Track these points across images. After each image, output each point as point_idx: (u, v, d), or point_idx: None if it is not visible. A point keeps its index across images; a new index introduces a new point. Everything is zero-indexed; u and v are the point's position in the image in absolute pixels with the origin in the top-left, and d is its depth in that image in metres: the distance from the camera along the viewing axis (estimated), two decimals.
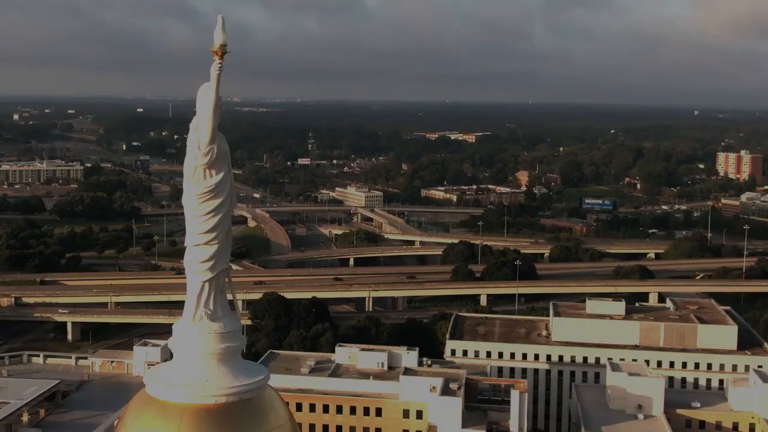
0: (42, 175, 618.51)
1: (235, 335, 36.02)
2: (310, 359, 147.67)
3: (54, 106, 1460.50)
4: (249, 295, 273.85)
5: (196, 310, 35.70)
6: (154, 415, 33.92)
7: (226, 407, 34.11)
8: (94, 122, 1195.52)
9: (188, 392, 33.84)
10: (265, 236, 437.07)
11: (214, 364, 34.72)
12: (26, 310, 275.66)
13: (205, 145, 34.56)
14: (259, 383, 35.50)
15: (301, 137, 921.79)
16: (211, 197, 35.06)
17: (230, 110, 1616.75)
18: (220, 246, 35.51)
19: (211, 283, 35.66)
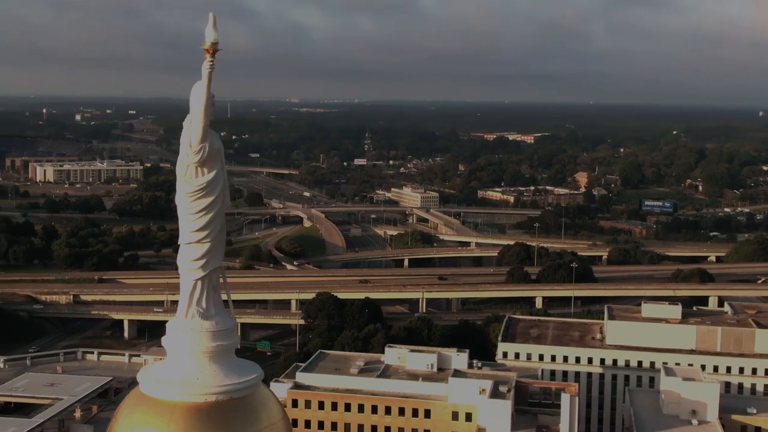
0: (102, 175, 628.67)
1: (228, 334, 35.51)
2: (360, 359, 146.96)
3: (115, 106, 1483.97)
4: (302, 294, 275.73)
5: (189, 308, 35.51)
6: (145, 412, 33.75)
7: (216, 405, 33.92)
8: (154, 123, 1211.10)
9: (179, 390, 33.67)
10: (320, 236, 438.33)
11: (205, 363, 34.44)
12: (84, 308, 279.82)
13: (196, 143, 34.10)
14: (250, 382, 35.04)
15: (358, 138, 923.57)
16: (202, 195, 34.70)
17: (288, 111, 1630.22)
18: (212, 244, 35.17)
19: (203, 282, 35.36)
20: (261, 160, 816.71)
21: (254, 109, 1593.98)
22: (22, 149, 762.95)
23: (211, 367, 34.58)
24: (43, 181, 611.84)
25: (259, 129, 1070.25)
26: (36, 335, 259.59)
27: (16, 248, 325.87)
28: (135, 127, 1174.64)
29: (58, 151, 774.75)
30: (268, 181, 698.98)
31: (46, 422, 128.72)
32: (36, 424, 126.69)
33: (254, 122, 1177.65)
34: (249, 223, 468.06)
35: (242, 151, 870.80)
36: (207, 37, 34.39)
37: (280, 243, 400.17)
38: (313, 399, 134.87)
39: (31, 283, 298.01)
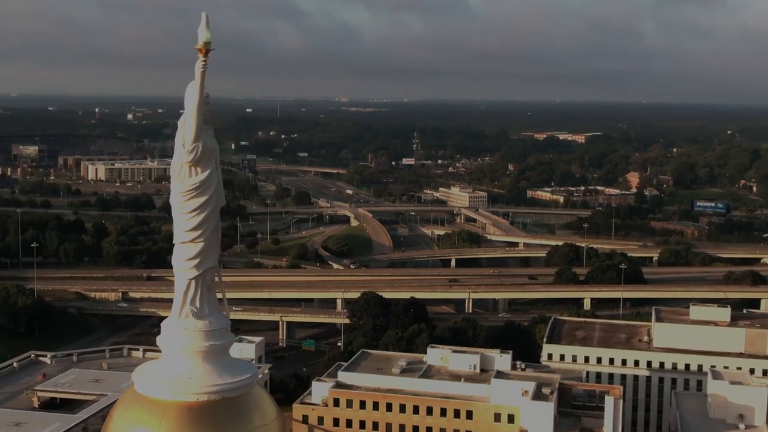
0: (153, 174, 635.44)
1: (222, 333, 35.19)
2: (402, 359, 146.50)
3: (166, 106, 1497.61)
4: (347, 294, 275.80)
5: (182, 307, 35.35)
6: (138, 411, 33.77)
7: (207, 405, 33.86)
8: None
9: (171, 389, 33.70)
10: (367, 236, 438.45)
11: (198, 362, 34.28)
12: (133, 305, 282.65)
13: (189, 143, 33.95)
14: (243, 382, 34.79)
15: (407, 137, 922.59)
16: (195, 195, 34.44)
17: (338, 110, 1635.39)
18: (206, 244, 34.94)
19: (197, 281, 35.09)
20: (309, 159, 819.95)
21: (304, 109, 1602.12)
22: (75, 148, 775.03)
23: (204, 366, 34.45)
24: (94, 180, 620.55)
25: (308, 128, 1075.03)
26: (85, 332, 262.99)
27: (66, 246, 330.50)
28: None
29: (110, 150, 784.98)
30: (316, 180, 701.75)
31: (90, 418, 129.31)
32: (80, 420, 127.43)
33: (303, 122, 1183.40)
34: (296, 222, 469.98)
35: (291, 150, 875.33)
36: (199, 37, 34.14)
37: (327, 242, 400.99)
38: (354, 398, 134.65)
39: (81, 280, 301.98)
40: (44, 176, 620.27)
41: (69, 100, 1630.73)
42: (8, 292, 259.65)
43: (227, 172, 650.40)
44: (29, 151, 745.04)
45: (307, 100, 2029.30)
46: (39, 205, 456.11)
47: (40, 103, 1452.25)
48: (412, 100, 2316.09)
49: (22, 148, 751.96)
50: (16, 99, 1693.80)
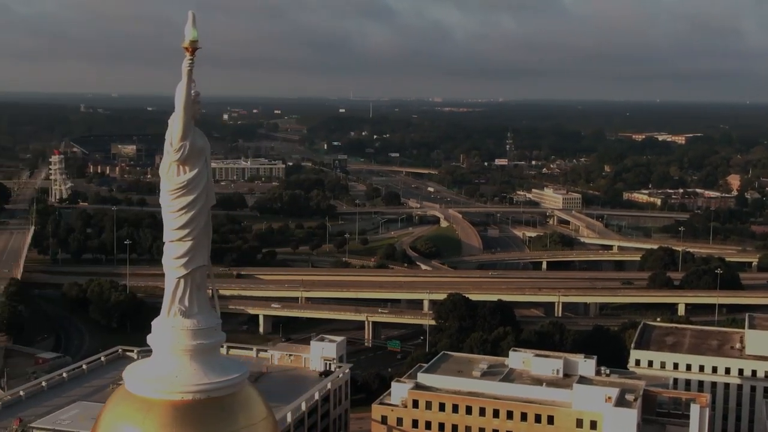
0: (246, 173, 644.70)
1: (210, 332, 34.85)
2: (483, 362, 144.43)
3: (261, 106, 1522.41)
4: (434, 295, 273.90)
5: (171, 306, 35.50)
6: (125, 408, 34.12)
7: (192, 404, 33.82)
8: (298, 122, 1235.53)
9: (157, 387, 34.01)
10: (457, 237, 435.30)
11: (186, 361, 34.17)
12: (222, 302, 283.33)
13: (177, 141, 33.73)
14: (230, 381, 34.59)
15: (500, 137, 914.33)
16: (183, 193, 34.18)
17: (431, 110, 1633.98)
18: (194, 243, 34.72)
19: (186, 280, 34.97)
20: (401, 159, 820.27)
21: (397, 109, 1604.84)
22: None
23: (191, 365, 34.38)
24: None
25: (400, 128, 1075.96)
26: None
27: (159, 243, 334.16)
28: (279, 127, 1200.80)
29: None
30: (407, 180, 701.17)
31: None
32: None
33: (396, 122, 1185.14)
34: (385, 222, 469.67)
35: (383, 150, 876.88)
36: (186, 35, 33.71)
37: (416, 243, 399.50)
38: (433, 400, 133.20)
39: None
40: (141, 175, 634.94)
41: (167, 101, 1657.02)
42: (102, 288, 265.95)
43: (318, 171, 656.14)
44: (127, 151, 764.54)
45: (400, 100, 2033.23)
46: (135, 203, 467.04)
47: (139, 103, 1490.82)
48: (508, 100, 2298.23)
49: (121, 148, 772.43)
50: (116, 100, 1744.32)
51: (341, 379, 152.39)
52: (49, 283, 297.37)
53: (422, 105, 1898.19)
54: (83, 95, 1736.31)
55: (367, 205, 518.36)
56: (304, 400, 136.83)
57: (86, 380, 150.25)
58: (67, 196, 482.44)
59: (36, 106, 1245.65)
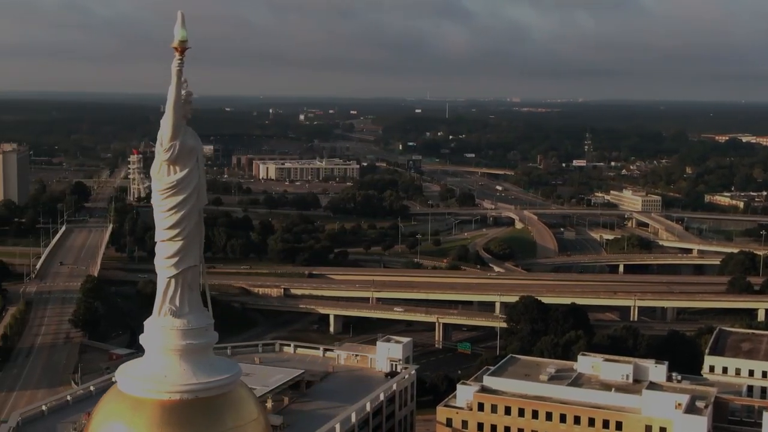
0: (321, 173, 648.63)
1: (201, 332, 34.43)
2: (551, 366, 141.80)
3: (337, 107, 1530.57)
4: (504, 297, 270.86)
5: (162, 306, 35.19)
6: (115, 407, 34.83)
7: (180, 404, 33.83)
8: (374, 122, 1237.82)
9: (145, 387, 33.95)
10: (531, 239, 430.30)
11: (175, 361, 34.08)
12: (293, 301, 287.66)
13: (166, 141, 33.52)
14: (219, 382, 34.24)
15: (579, 138, 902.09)
16: (172, 193, 33.94)
17: (508, 110, 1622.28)
18: (185, 243, 34.48)
19: (177, 280, 34.67)
20: (476, 160, 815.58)
21: (474, 109, 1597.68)
22: (248, 148, 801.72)
23: (181, 365, 34.33)
24: (265, 179, 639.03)
25: (477, 129, 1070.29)
26: (247, 326, 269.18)
27: (233, 242, 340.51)
28: (355, 127, 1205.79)
29: (281, 150, 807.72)
30: (482, 181, 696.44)
31: None
32: None
33: (472, 122, 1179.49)
34: (459, 223, 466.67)
35: (458, 151, 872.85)
36: (175, 35, 33.36)
37: (489, 244, 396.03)
38: (499, 404, 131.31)
39: (245, 275, 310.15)
40: (218, 175, 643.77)
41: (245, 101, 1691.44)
42: None
43: (392, 172, 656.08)
44: (205, 151, 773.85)
45: (477, 101, 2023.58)
46: (211, 202, 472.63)
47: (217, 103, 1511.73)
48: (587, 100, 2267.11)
49: None
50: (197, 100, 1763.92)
51: (407, 380, 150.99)
52: (126, 281, 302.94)
53: (500, 105, 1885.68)
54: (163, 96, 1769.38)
55: (441, 205, 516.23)
56: (368, 401, 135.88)
57: None
58: (145, 195, 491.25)
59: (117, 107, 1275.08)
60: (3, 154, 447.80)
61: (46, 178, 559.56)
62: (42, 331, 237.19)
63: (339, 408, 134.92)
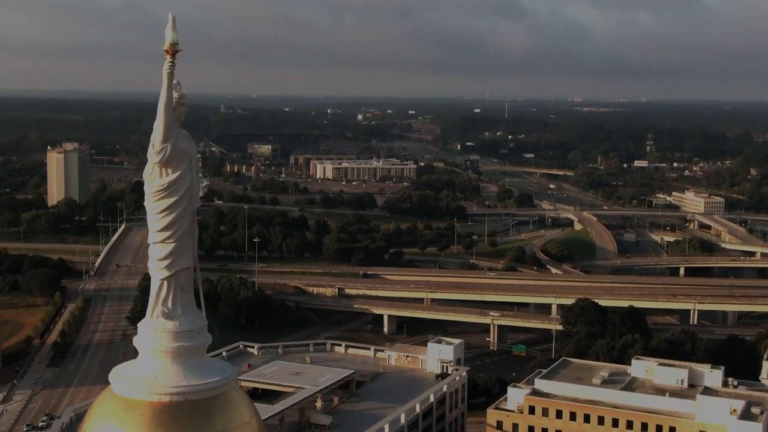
0: (377, 173, 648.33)
1: (193, 335, 34.39)
2: (604, 370, 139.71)
3: (395, 106, 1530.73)
4: (561, 299, 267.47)
5: (154, 308, 35.06)
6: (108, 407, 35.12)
7: (169, 406, 34.09)
8: (432, 122, 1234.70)
9: (137, 388, 34.09)
10: (591, 240, 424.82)
11: (167, 363, 33.99)
12: (347, 301, 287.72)
13: (158, 144, 33.58)
14: (210, 385, 34.34)
15: (640, 138, 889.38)
16: (164, 195, 33.94)
17: (569, 110, 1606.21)
18: (177, 245, 34.58)
19: (169, 282, 34.64)
20: (536, 160, 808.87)
21: (534, 109, 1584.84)
22: (306, 147, 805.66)
23: (172, 367, 34.31)
24: (322, 178, 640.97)
25: (536, 129, 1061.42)
26: (301, 325, 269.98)
27: (289, 242, 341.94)
28: (413, 127, 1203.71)
29: (339, 150, 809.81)
30: (541, 181, 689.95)
31: (287, 410, 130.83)
32: (276, 411, 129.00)
33: (532, 122, 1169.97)
34: (516, 224, 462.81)
35: (517, 151, 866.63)
36: (166, 38, 33.28)
37: (547, 245, 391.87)
38: (550, 407, 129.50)
39: (300, 275, 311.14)
40: (276, 174, 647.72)
41: (304, 101, 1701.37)
42: (231, 284, 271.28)
43: (449, 172, 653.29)
44: (263, 150, 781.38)
45: (538, 100, 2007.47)
46: (268, 201, 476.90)
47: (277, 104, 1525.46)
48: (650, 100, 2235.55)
49: (257, 147, 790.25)
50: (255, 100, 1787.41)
51: (458, 382, 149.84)
52: None
53: (560, 105, 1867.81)
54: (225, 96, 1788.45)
55: (499, 206, 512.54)
56: (418, 402, 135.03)
57: None
58: (203, 195, 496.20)
59: None
60: (64, 153, 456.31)
61: (107, 177, 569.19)
62: (99, 328, 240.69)
63: (388, 409, 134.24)
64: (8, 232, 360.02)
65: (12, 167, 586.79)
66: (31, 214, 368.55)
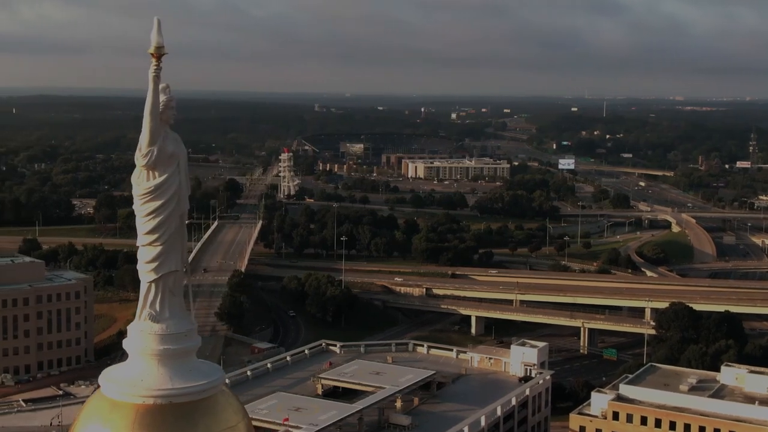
0: (470, 173, 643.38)
1: (179, 338, 35.02)
2: (692, 377, 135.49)
3: (490, 105, 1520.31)
4: (654, 303, 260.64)
5: (142, 310, 35.23)
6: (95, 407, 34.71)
7: (153, 408, 33.35)
8: (527, 121, 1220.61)
9: (122, 390, 34.06)
10: (689, 243, 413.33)
11: (153, 365, 34.73)
12: (435, 301, 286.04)
13: (144, 147, 34.32)
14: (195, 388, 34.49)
15: (744, 138, 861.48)
16: (150, 199, 34.74)
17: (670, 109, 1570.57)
18: (164, 248, 35.22)
19: (157, 284, 35.26)
20: (634, 160, 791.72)
21: (634, 108, 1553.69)
22: (398, 146, 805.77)
23: (158, 369, 34.56)
24: (413, 178, 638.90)
25: (635, 128, 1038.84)
26: (388, 324, 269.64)
27: (377, 240, 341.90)
28: (508, 126, 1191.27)
29: (431, 149, 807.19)
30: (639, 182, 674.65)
31: (366, 409, 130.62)
32: (355, 410, 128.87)
33: (631, 121, 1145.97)
34: (611, 225, 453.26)
35: (615, 150, 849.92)
36: (151, 41, 33.44)
37: (642, 248, 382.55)
38: (635, 413, 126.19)
39: (388, 274, 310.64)
40: (367, 173, 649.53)
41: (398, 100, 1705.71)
42: (319, 282, 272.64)
43: (544, 171, 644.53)
44: (355, 149, 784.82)
45: (638, 99, 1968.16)
46: (358, 200, 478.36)
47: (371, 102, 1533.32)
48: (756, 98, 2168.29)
49: (349, 146, 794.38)
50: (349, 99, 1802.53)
51: (541, 385, 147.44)
52: (272, 276, 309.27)
53: (661, 104, 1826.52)
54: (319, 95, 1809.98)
55: (594, 207, 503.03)
56: (500, 405, 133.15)
57: (288, 372, 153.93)
58: (295, 193, 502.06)
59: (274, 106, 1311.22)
60: None
61: (202, 175, 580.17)
62: None
63: (469, 411, 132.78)
64: (105, 229, 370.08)
65: (111, 165, 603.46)
66: (128, 211, 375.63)
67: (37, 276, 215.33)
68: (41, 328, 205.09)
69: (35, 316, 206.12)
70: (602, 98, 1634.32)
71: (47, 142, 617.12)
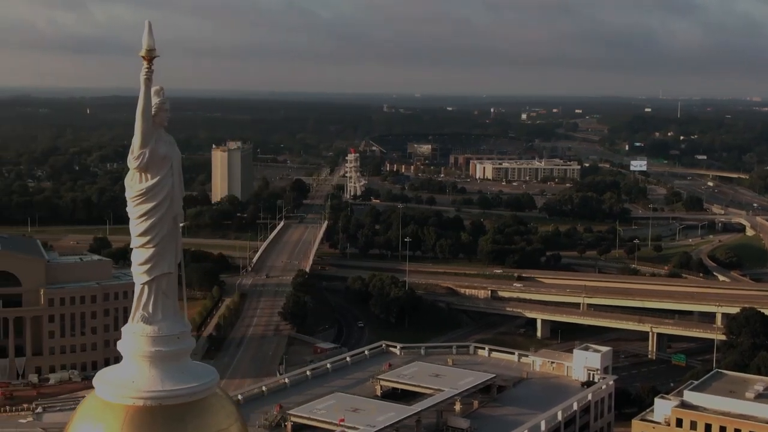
0: (539, 174, 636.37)
1: (171, 340, 35.34)
2: (759, 383, 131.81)
3: (562, 106, 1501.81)
4: (725, 308, 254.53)
5: (135, 312, 35.49)
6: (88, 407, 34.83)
7: (142, 410, 33.56)
8: (599, 122, 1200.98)
9: (113, 391, 34.25)
10: (763, 247, 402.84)
11: (145, 367, 34.92)
12: (500, 304, 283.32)
13: (136, 149, 34.71)
14: (186, 390, 34.29)
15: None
16: (143, 201, 35.16)
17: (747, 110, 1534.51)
18: (157, 250, 35.25)
19: (150, 286, 35.61)
20: (708, 162, 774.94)
21: (709, 108, 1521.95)
22: (467, 147, 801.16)
23: (150, 371, 34.83)
24: (481, 179, 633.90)
25: (710, 129, 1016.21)
26: (452, 327, 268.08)
27: (442, 242, 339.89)
28: (579, 127, 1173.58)
29: (500, 149, 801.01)
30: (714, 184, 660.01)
31: (424, 411, 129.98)
32: (413, 412, 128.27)
33: (706, 122, 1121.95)
34: (684, 228, 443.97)
35: (688, 152, 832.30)
36: (143, 44, 33.39)
37: (715, 252, 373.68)
38: (699, 420, 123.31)
39: (453, 276, 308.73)
40: (434, 174, 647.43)
41: (468, 101, 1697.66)
42: (383, 283, 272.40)
43: (615, 173, 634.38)
44: (423, 150, 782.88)
45: (713, 100, 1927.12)
46: (424, 201, 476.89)
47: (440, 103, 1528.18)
48: None
49: (417, 147, 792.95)
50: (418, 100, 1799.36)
51: (604, 390, 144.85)
52: (336, 276, 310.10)
53: (738, 104, 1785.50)
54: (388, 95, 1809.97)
55: (665, 209, 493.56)
56: (560, 410, 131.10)
57: (348, 372, 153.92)
58: (361, 193, 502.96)
59: (342, 107, 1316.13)
60: (228, 151, 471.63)
61: (270, 175, 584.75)
62: (254, 323, 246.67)
63: (529, 415, 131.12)
64: None
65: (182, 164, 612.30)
66: (196, 210, 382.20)
67: (105, 274, 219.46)
68: (108, 325, 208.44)
69: (102, 313, 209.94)
70: (677, 99, 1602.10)
71: (120, 142, 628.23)
